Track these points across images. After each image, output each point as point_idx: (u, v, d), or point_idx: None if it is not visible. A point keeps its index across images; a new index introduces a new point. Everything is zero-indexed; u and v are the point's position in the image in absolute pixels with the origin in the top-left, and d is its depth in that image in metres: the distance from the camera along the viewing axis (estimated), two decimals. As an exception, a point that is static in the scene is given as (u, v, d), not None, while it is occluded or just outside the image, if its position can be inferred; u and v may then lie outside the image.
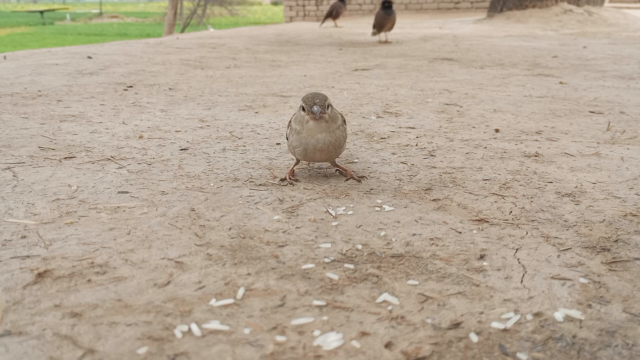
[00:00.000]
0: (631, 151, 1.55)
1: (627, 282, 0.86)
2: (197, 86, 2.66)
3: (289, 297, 0.81)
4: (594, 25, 6.72)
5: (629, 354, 0.69)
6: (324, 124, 1.24)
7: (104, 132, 1.76)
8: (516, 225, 1.07)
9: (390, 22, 4.86)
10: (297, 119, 1.28)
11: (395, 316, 0.77)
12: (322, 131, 1.25)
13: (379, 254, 0.95)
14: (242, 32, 6.78)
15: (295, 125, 1.28)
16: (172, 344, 0.71)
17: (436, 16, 9.93)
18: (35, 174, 1.35)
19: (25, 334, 0.72)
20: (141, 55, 3.95)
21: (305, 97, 1.25)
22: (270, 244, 0.98)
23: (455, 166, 1.43)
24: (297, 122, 1.28)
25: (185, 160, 1.47)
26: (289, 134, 1.31)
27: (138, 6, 43.15)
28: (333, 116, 1.27)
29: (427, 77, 2.95)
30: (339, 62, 3.65)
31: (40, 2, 53.63)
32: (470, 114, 2.05)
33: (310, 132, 1.25)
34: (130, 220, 1.08)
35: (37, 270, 0.88)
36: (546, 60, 3.59)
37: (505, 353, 0.69)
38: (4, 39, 14.80)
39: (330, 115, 1.25)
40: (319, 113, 1.21)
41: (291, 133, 1.30)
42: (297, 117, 1.28)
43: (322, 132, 1.25)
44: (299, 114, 1.27)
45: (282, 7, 16.48)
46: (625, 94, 2.40)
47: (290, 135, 1.30)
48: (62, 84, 2.68)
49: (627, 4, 10.36)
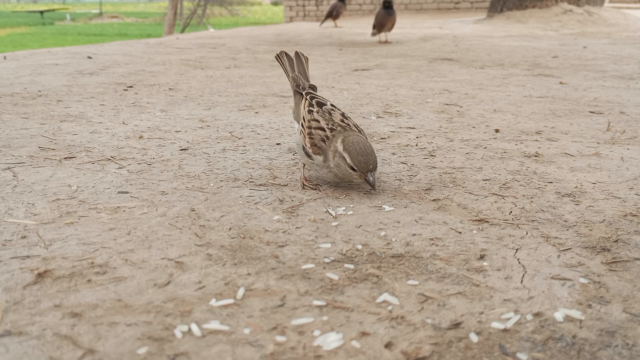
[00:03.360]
0: (631, 151, 1.55)
1: (627, 282, 0.86)
2: (197, 86, 2.66)
3: (289, 297, 0.81)
4: (594, 26, 6.72)
5: (629, 354, 0.69)
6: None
7: (104, 132, 1.76)
8: (516, 225, 1.07)
9: (391, 22, 4.86)
10: (340, 168, 1.20)
11: (395, 316, 0.77)
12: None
13: (379, 254, 0.95)
14: (242, 32, 6.78)
15: (337, 172, 1.21)
16: (172, 344, 0.71)
17: (436, 16, 9.93)
18: (35, 174, 1.35)
19: (25, 334, 0.72)
20: (141, 56, 3.95)
21: (355, 157, 1.16)
22: (270, 244, 0.98)
23: (455, 166, 1.43)
24: (341, 171, 1.20)
25: (185, 161, 1.47)
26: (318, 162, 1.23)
27: (138, 6, 43.16)
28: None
29: (427, 77, 2.95)
30: (339, 62, 3.65)
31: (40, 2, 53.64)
32: (470, 114, 2.05)
33: (351, 180, 1.24)
34: (130, 221, 1.08)
35: (37, 270, 0.88)
36: (546, 61, 3.59)
37: (505, 353, 0.69)
38: (4, 39, 14.80)
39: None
40: (374, 183, 1.17)
41: (324, 167, 1.23)
42: (341, 168, 1.19)
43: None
44: (343, 166, 1.18)
45: (282, 7, 16.48)
46: (625, 94, 2.40)
47: (321, 167, 1.23)
48: (62, 84, 2.68)
49: (627, 4, 10.36)
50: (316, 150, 1.22)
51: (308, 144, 1.24)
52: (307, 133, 1.24)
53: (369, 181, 1.17)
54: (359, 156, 1.16)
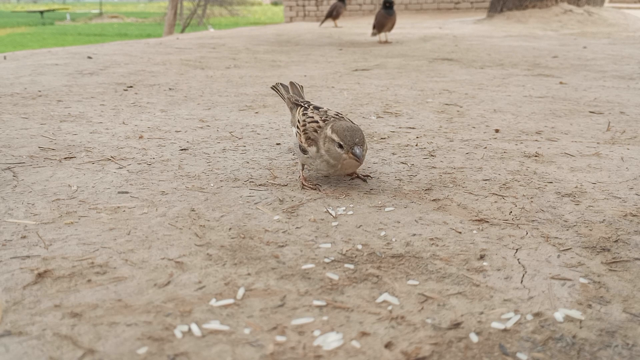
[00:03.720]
0: (631, 151, 1.55)
1: (627, 282, 0.86)
2: (197, 86, 2.66)
3: (289, 297, 0.81)
4: (594, 26, 6.72)
5: (629, 354, 0.69)
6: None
7: (104, 132, 1.76)
8: (516, 225, 1.07)
9: (391, 22, 4.86)
10: (330, 152, 1.19)
11: (395, 316, 0.77)
12: (355, 165, 1.21)
13: (379, 254, 0.95)
14: (242, 32, 6.78)
15: (328, 158, 1.20)
16: (172, 344, 0.71)
17: (436, 16, 9.93)
18: (35, 174, 1.35)
19: (25, 334, 0.72)
20: (141, 56, 3.95)
21: (342, 133, 1.16)
22: (270, 244, 0.98)
23: (455, 166, 1.43)
24: (331, 156, 1.19)
25: (185, 161, 1.47)
26: (312, 154, 1.23)
27: (138, 6, 43.17)
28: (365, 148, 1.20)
29: (427, 77, 2.95)
30: (339, 62, 3.65)
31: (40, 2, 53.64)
32: (470, 114, 2.05)
33: (345, 168, 1.21)
34: (130, 221, 1.08)
35: (37, 271, 0.88)
36: (546, 61, 3.59)
37: (505, 353, 0.69)
38: (4, 39, 14.80)
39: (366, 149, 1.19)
40: (361, 156, 1.15)
41: (318, 157, 1.22)
42: (331, 151, 1.19)
43: (354, 166, 1.21)
44: (333, 149, 1.18)
45: (282, 7, 16.48)
46: (625, 94, 2.40)
47: (315, 158, 1.23)
48: (62, 84, 2.68)
49: (627, 4, 10.36)
50: (310, 143, 1.23)
51: (303, 139, 1.25)
52: (302, 130, 1.26)
53: (355, 153, 1.15)
54: (345, 132, 1.17)
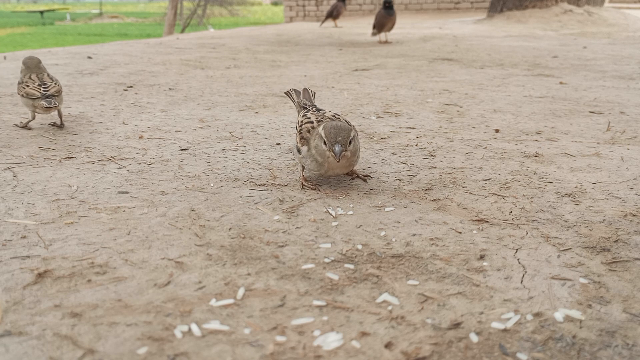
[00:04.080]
0: (631, 151, 1.55)
1: (627, 282, 0.86)
2: (197, 86, 2.66)
3: (289, 297, 0.81)
4: (594, 26, 6.72)
5: (629, 354, 0.69)
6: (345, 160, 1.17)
7: (104, 132, 1.76)
8: (516, 225, 1.07)
9: (391, 22, 4.86)
10: (318, 149, 1.18)
11: (395, 316, 0.77)
12: (343, 166, 1.19)
13: (379, 254, 0.95)
14: (242, 32, 6.78)
15: (316, 155, 1.19)
16: (172, 344, 0.71)
17: (436, 16, 9.93)
18: (35, 174, 1.35)
19: (25, 334, 0.72)
20: (141, 56, 3.95)
21: (327, 129, 1.16)
22: (270, 244, 0.98)
23: (455, 166, 1.43)
24: (318, 153, 1.18)
25: (185, 161, 1.47)
26: (304, 154, 1.23)
27: (138, 6, 43.15)
28: (354, 150, 1.18)
29: (427, 77, 2.95)
30: (339, 62, 3.65)
31: (40, 2, 53.62)
32: (470, 114, 2.05)
33: (332, 168, 1.20)
34: (130, 221, 1.08)
35: (37, 271, 0.88)
36: (546, 61, 3.59)
37: (505, 353, 0.69)
38: (4, 39, 14.80)
39: (352, 150, 1.17)
40: (340, 154, 1.13)
41: (309, 157, 1.21)
42: (318, 148, 1.18)
43: (342, 167, 1.20)
44: (320, 146, 1.17)
45: (282, 7, 16.48)
46: (625, 94, 2.40)
47: (306, 157, 1.22)
48: (62, 84, 2.67)
49: (627, 4, 10.36)
50: (303, 142, 1.24)
51: (298, 139, 1.26)
52: (298, 130, 1.27)
53: (334, 150, 1.13)
54: (331, 129, 1.16)
